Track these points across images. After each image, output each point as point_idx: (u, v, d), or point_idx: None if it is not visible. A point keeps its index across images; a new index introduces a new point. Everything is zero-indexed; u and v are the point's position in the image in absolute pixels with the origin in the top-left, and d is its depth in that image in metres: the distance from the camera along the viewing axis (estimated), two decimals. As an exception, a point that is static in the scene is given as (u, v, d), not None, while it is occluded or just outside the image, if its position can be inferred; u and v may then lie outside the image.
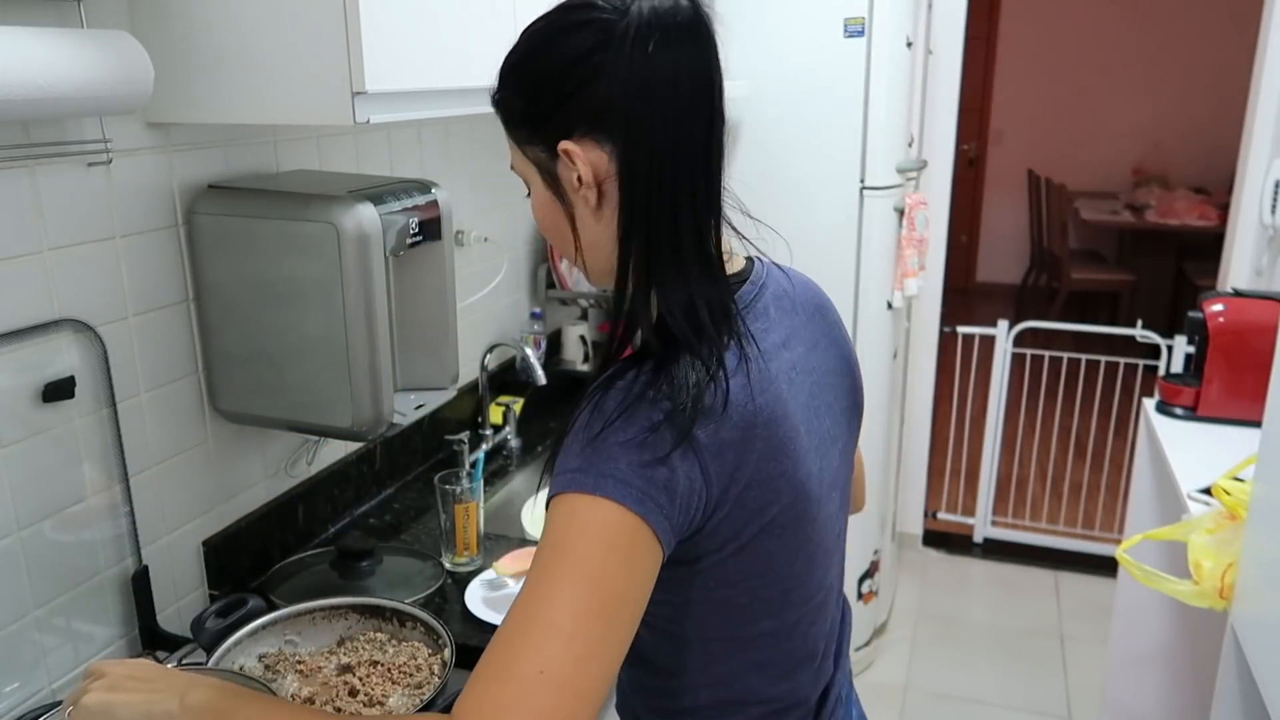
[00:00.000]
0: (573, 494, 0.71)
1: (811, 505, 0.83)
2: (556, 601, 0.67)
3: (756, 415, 0.76)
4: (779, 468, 0.78)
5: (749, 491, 0.76)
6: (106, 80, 0.99)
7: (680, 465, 0.72)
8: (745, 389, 0.76)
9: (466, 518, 1.46)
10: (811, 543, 0.84)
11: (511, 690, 0.65)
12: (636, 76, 0.73)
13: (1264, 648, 1.13)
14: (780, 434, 0.78)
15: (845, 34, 2.26)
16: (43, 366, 1.11)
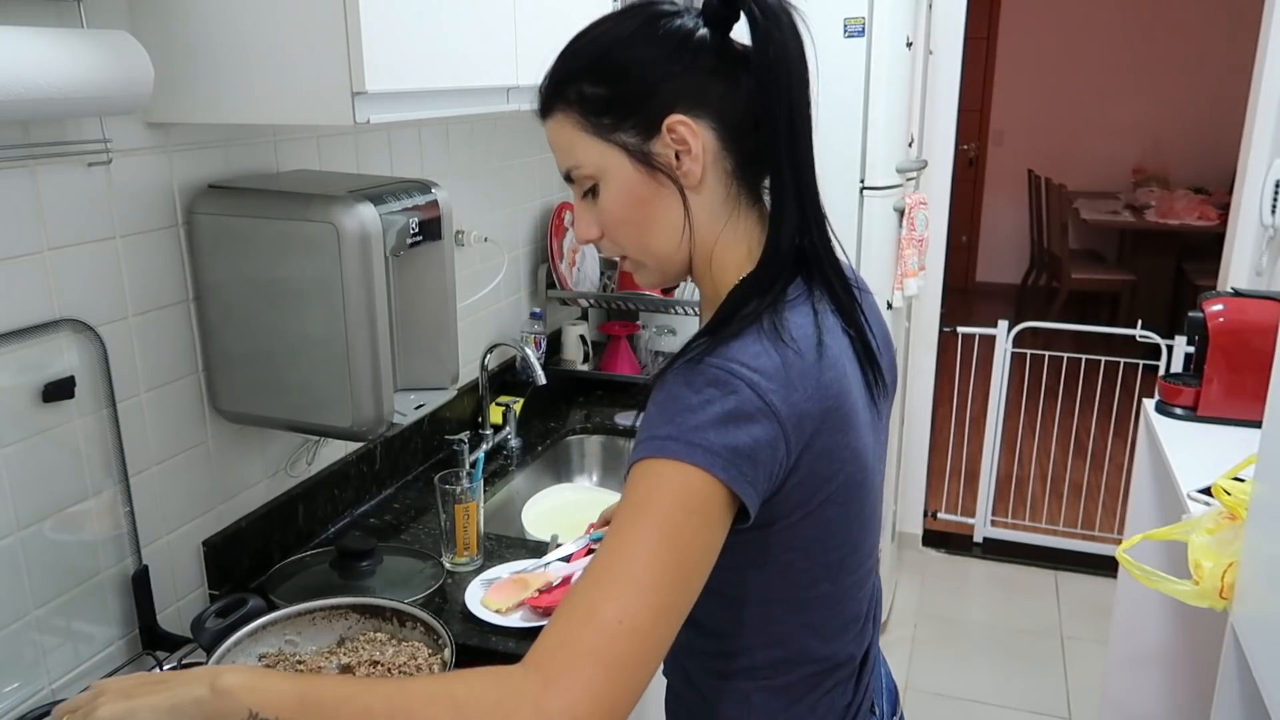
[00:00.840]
0: (663, 459, 0.74)
1: (869, 475, 0.88)
2: (638, 556, 0.71)
3: (829, 389, 0.80)
4: (845, 439, 0.82)
5: (820, 460, 0.81)
6: (106, 80, 0.99)
7: (763, 435, 0.76)
8: (817, 365, 0.80)
9: (466, 518, 1.46)
10: (866, 511, 0.89)
11: (592, 634, 0.68)
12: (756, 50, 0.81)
13: (1264, 648, 1.13)
14: (846, 407, 0.82)
15: (845, 34, 2.26)
16: (43, 366, 1.11)
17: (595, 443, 2.11)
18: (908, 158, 2.57)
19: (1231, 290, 2.00)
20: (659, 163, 0.84)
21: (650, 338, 2.41)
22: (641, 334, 2.40)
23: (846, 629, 0.93)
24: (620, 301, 2.29)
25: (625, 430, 2.10)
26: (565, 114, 0.85)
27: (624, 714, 0.69)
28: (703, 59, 0.82)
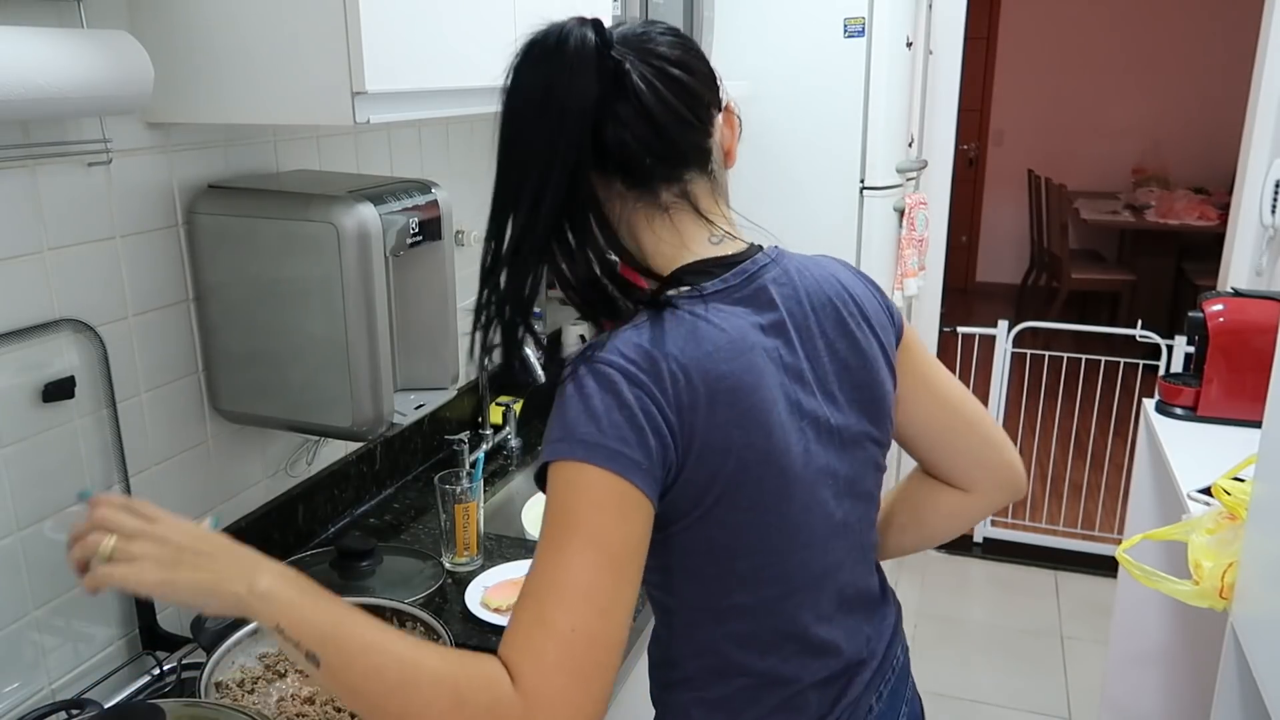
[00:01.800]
0: (560, 462, 0.77)
1: (790, 484, 0.86)
2: (570, 564, 0.74)
3: (720, 381, 0.81)
4: (746, 436, 0.82)
5: (711, 452, 0.81)
6: (106, 80, 0.99)
7: (647, 423, 0.77)
8: (709, 356, 0.81)
9: (466, 518, 1.46)
10: (790, 523, 0.87)
11: (554, 647, 0.72)
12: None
13: (1264, 648, 1.13)
14: (749, 403, 0.82)
15: (845, 34, 2.26)
16: (43, 366, 1.11)
17: (595, 443, 2.11)
18: (908, 158, 2.57)
19: (1231, 290, 2.00)
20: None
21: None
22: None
23: (780, 646, 0.90)
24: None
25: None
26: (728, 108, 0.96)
27: (602, 712, 0.73)
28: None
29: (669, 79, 0.85)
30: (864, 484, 0.96)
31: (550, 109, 0.82)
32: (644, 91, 0.83)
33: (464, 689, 0.70)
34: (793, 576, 0.90)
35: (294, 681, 1.15)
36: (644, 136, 0.84)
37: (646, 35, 0.87)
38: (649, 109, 0.84)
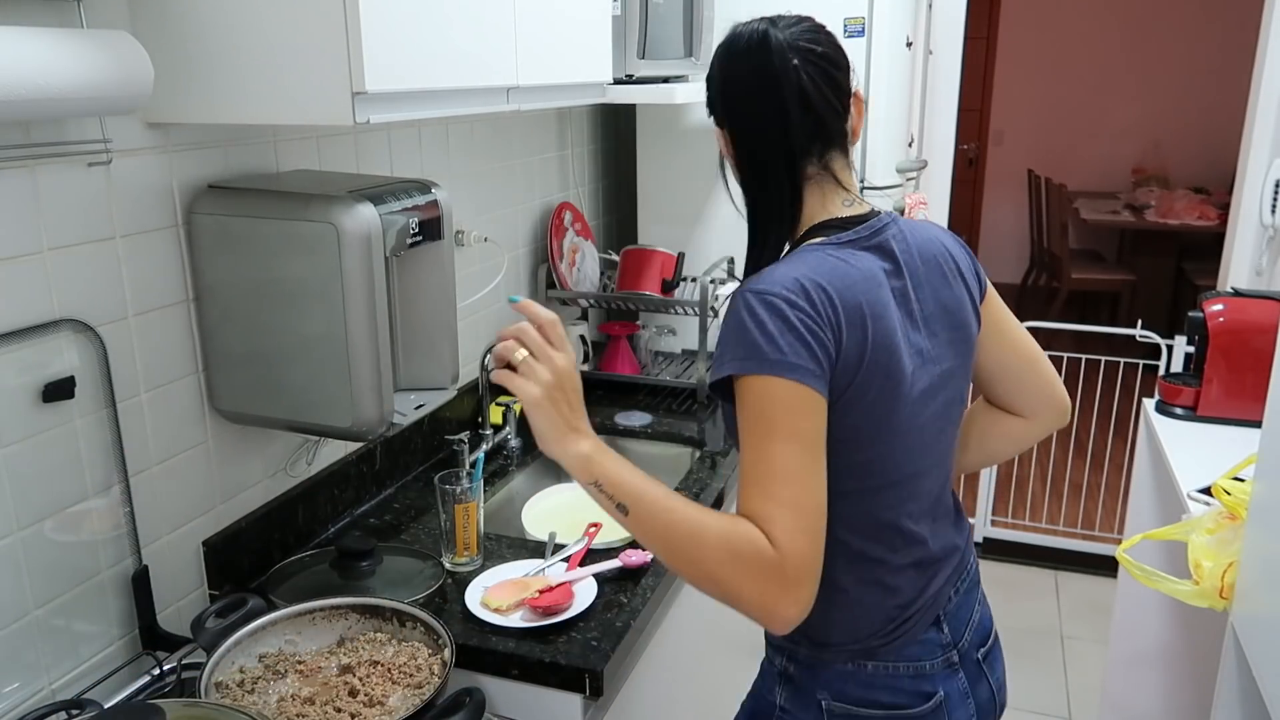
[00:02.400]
0: (749, 377, 0.96)
1: (900, 398, 1.03)
2: (777, 454, 0.94)
3: (857, 307, 0.99)
4: (874, 353, 1.00)
5: (848, 362, 0.98)
6: (106, 80, 0.99)
7: (811, 339, 0.96)
8: (849, 287, 1.00)
9: (466, 518, 1.46)
10: (897, 430, 1.05)
11: (787, 513, 0.92)
12: None
13: (1264, 648, 1.13)
14: (877, 327, 1.00)
15: (845, 34, 2.26)
16: (43, 366, 1.11)
17: (595, 443, 2.11)
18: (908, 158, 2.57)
19: (1231, 290, 2.00)
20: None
21: (650, 338, 2.41)
22: (641, 334, 2.40)
23: (875, 531, 1.08)
24: (620, 301, 2.29)
25: (625, 430, 2.10)
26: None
27: (821, 557, 0.95)
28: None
29: (827, 76, 1.05)
30: (952, 411, 1.14)
31: (769, 99, 1.04)
32: (809, 86, 1.04)
33: (737, 544, 0.92)
34: (892, 473, 1.07)
35: (294, 681, 1.15)
36: (807, 123, 1.05)
37: (807, 34, 1.05)
38: (813, 101, 1.04)
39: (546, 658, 1.26)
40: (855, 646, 1.10)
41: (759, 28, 1.05)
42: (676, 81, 2.06)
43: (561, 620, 1.31)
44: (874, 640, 1.10)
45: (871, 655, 1.10)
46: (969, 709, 1.16)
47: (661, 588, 1.46)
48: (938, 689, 1.12)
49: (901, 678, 1.11)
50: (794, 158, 1.06)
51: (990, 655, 1.23)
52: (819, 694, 1.12)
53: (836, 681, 1.11)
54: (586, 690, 1.25)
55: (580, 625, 1.32)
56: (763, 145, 1.07)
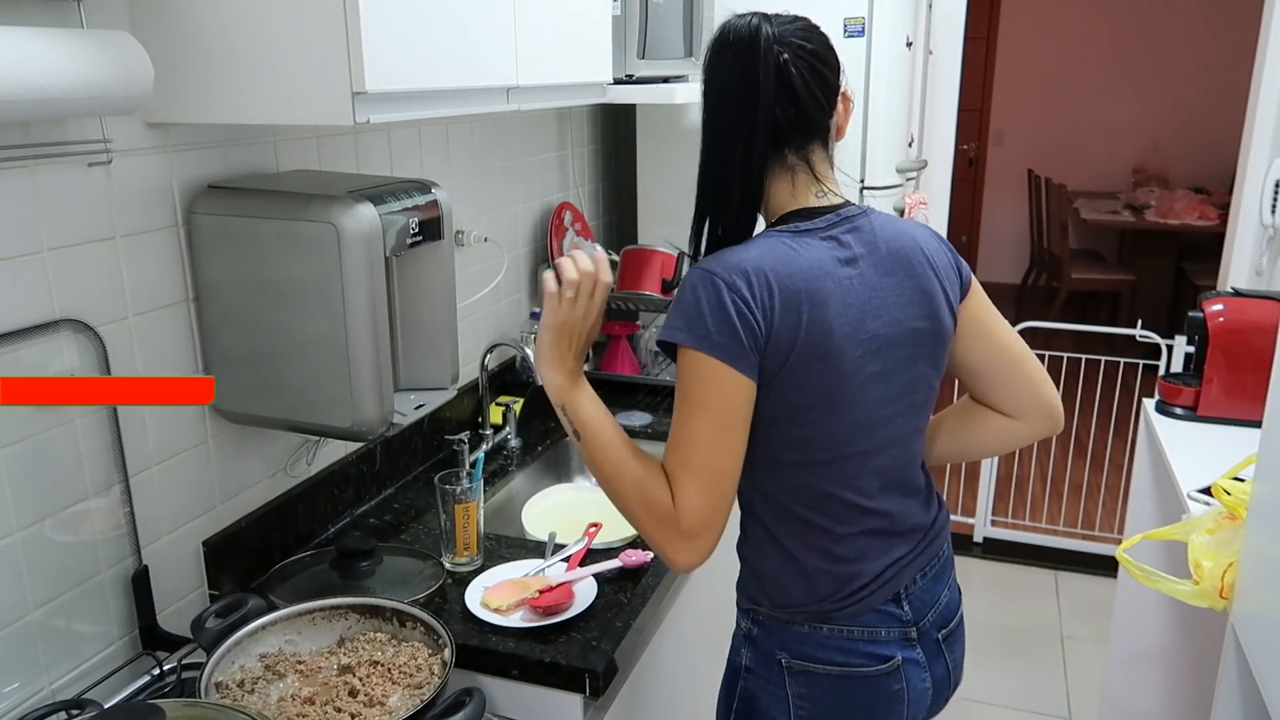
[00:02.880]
0: (684, 347, 1.06)
1: (842, 379, 1.10)
2: (692, 425, 1.07)
3: (794, 294, 1.06)
4: (808, 337, 1.07)
5: (780, 344, 1.06)
6: (106, 80, 0.99)
7: (740, 323, 1.04)
8: (790, 275, 1.07)
9: (466, 518, 1.46)
10: (838, 409, 1.11)
11: (690, 478, 1.06)
12: None
13: (1264, 648, 1.13)
14: (814, 314, 1.07)
15: (845, 34, 2.26)
16: (43, 366, 1.11)
17: (595, 443, 2.11)
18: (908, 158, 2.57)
19: (1231, 290, 2.00)
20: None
21: (650, 338, 2.41)
22: (641, 334, 2.40)
23: (820, 502, 1.15)
24: (620, 301, 2.29)
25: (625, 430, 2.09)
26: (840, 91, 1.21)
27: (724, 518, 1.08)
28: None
29: (815, 72, 1.10)
30: (913, 395, 1.18)
31: (747, 88, 1.09)
32: (797, 80, 1.09)
33: (648, 493, 1.08)
34: (833, 449, 1.14)
35: (294, 681, 1.15)
36: (790, 115, 1.10)
37: (799, 32, 1.11)
38: (798, 94, 1.09)
39: (546, 658, 1.26)
40: (810, 609, 1.17)
41: (753, 21, 1.10)
42: (676, 81, 2.06)
43: (561, 620, 1.31)
44: (828, 604, 1.16)
45: (826, 619, 1.17)
46: (924, 681, 1.21)
47: (661, 588, 1.46)
48: (894, 654, 1.18)
49: (857, 641, 1.17)
50: (756, 150, 1.11)
51: (951, 637, 1.26)
52: (778, 654, 1.18)
53: (794, 642, 1.18)
54: (586, 690, 1.25)
55: (580, 625, 1.32)
56: (729, 132, 1.12)
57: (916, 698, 1.20)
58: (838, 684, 1.17)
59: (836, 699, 1.17)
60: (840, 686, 1.17)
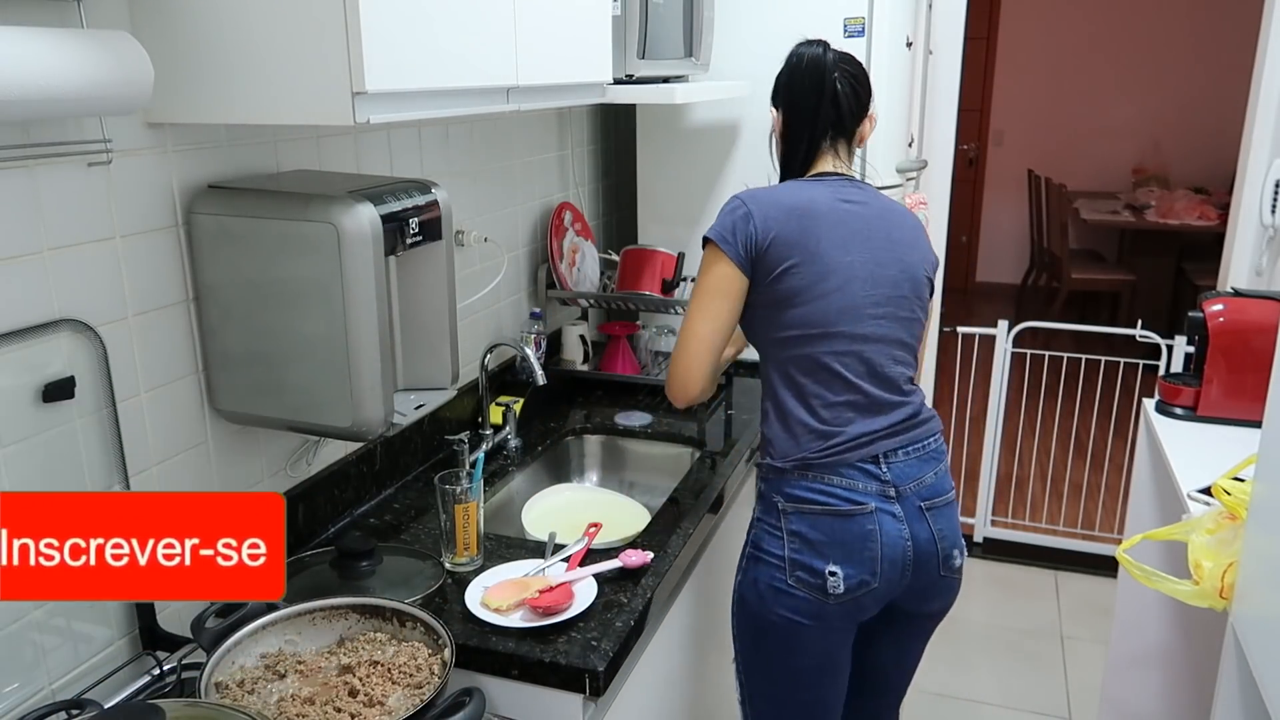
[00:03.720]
0: (709, 241, 1.50)
1: (830, 269, 1.45)
2: (695, 294, 1.52)
3: (791, 213, 1.47)
4: (802, 240, 1.45)
5: (778, 247, 1.45)
6: (106, 80, 0.99)
7: (743, 229, 1.46)
8: (793, 203, 1.49)
9: (466, 518, 1.46)
10: (825, 291, 1.45)
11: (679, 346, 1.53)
12: None
13: (1264, 648, 1.13)
14: (807, 226, 1.46)
15: (845, 34, 2.26)
16: (43, 366, 1.11)
17: (595, 443, 2.11)
18: (908, 158, 2.57)
19: (1231, 290, 2.00)
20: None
21: (650, 338, 2.41)
22: (641, 334, 2.40)
23: (814, 371, 1.46)
24: (620, 301, 2.29)
25: (625, 430, 2.10)
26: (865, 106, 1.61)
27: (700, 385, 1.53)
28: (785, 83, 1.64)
29: (854, 90, 1.55)
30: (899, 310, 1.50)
31: (818, 95, 1.54)
32: (841, 91, 1.54)
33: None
34: (822, 325, 1.45)
35: (294, 681, 1.15)
36: (832, 116, 1.55)
37: (848, 62, 1.55)
38: (840, 101, 1.54)
39: (546, 658, 1.26)
40: (797, 459, 1.46)
41: (819, 51, 1.54)
42: (676, 81, 2.06)
43: (561, 620, 1.31)
44: (810, 456, 1.45)
45: (809, 468, 1.45)
46: (902, 533, 1.45)
47: (661, 588, 1.46)
48: (869, 502, 1.44)
49: (835, 488, 1.44)
50: (815, 135, 1.56)
51: (936, 510, 1.49)
52: (775, 498, 1.48)
53: (786, 487, 1.47)
54: (586, 690, 1.25)
55: (580, 625, 1.32)
56: (800, 125, 1.57)
57: (890, 541, 1.44)
58: (819, 521, 1.44)
59: (819, 533, 1.44)
60: (822, 523, 1.44)
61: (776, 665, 1.54)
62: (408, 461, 1.82)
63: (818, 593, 1.44)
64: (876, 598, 1.47)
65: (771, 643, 1.52)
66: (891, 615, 1.54)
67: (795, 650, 1.50)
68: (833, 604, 1.44)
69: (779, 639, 1.50)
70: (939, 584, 1.52)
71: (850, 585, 1.44)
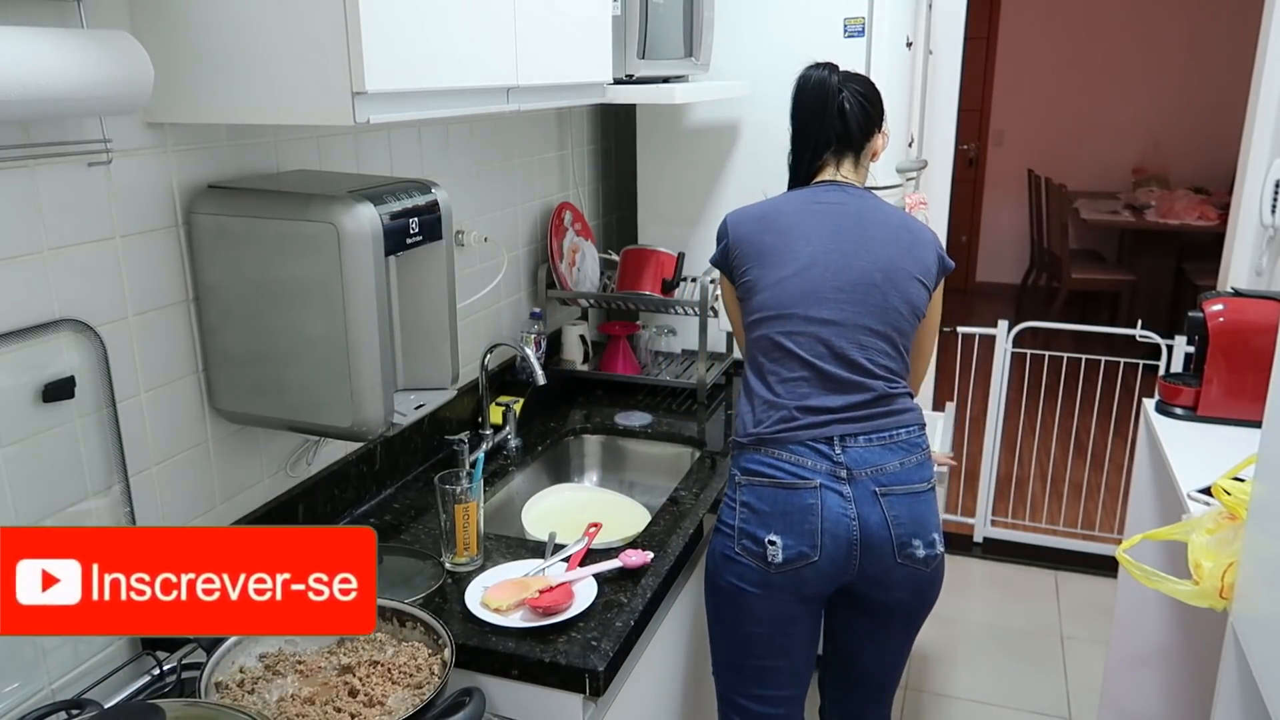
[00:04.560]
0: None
1: (788, 259, 1.56)
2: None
3: (766, 212, 1.63)
4: (765, 237, 1.59)
5: (746, 245, 1.60)
6: (106, 80, 0.99)
7: (720, 239, 1.66)
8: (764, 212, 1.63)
9: (466, 518, 1.46)
10: (782, 278, 1.55)
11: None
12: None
13: (1264, 648, 1.13)
14: (776, 220, 1.60)
15: (845, 34, 2.26)
16: (43, 366, 1.11)
17: (595, 443, 2.11)
18: (908, 158, 2.57)
19: (1231, 290, 2.00)
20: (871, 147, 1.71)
21: (650, 338, 2.41)
22: (641, 334, 2.40)
23: (770, 351, 1.56)
24: (620, 301, 2.29)
25: (625, 430, 2.10)
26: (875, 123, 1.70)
27: None
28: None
29: (862, 106, 1.64)
30: (869, 299, 1.54)
31: (821, 112, 1.63)
32: (848, 107, 1.63)
33: None
34: (785, 308, 1.55)
35: (294, 681, 1.15)
36: (841, 132, 1.64)
37: (858, 82, 1.65)
38: (847, 115, 1.63)
39: (546, 658, 1.26)
40: (754, 434, 1.55)
41: (825, 74, 1.63)
42: (676, 81, 2.06)
43: (561, 620, 1.31)
44: (765, 432, 1.54)
45: (764, 443, 1.54)
46: (847, 510, 1.50)
47: (661, 588, 1.46)
48: (814, 479, 1.50)
49: (783, 463, 1.52)
50: (817, 149, 1.65)
51: (894, 496, 1.53)
52: (734, 472, 1.58)
53: (744, 461, 1.56)
54: (586, 690, 1.25)
55: (580, 625, 1.32)
56: (803, 139, 1.67)
57: (832, 517, 1.50)
58: (765, 492, 1.52)
59: (764, 504, 1.52)
60: (767, 494, 1.52)
61: (728, 630, 1.62)
62: (408, 461, 1.82)
63: (760, 560, 1.52)
64: (820, 573, 1.51)
65: (724, 608, 1.61)
66: (854, 600, 1.61)
67: (745, 617, 1.58)
68: (774, 573, 1.51)
69: (729, 604, 1.59)
70: (896, 571, 1.54)
71: (789, 556, 1.50)
